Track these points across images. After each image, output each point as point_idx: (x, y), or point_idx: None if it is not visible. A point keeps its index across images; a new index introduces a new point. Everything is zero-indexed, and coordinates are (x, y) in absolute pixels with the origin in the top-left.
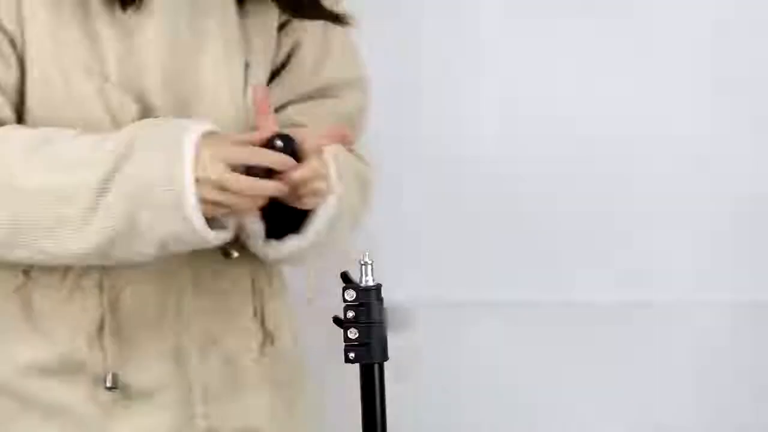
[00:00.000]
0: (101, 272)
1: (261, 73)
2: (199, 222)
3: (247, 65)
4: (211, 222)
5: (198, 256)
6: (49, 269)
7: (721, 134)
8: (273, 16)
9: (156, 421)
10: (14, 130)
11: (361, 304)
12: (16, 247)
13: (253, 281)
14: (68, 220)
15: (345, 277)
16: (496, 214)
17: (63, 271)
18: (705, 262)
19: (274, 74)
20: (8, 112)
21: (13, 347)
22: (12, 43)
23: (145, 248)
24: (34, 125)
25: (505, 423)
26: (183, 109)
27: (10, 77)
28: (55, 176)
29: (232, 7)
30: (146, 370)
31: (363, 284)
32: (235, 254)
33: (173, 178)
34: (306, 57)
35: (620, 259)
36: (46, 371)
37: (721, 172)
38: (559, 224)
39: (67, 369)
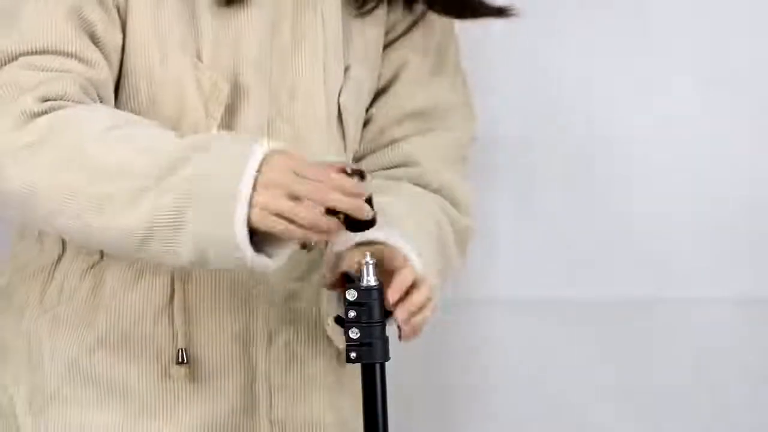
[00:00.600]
0: None
1: (362, 77)
2: (242, 237)
3: (346, 69)
4: (260, 245)
5: None
6: None
7: (721, 134)
8: (380, 22)
9: (220, 407)
10: (105, 108)
11: (362, 304)
12: (63, 214)
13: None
14: (118, 195)
15: (347, 276)
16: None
17: None
18: (704, 261)
19: (379, 93)
20: (105, 74)
21: (82, 325)
22: (118, 8)
23: (184, 249)
24: (129, 91)
25: (504, 422)
26: (274, 101)
27: (116, 40)
28: (121, 153)
29: (336, 9)
30: (213, 350)
31: (365, 284)
32: (313, 244)
33: (229, 188)
34: (412, 74)
35: (620, 259)
36: (114, 346)
37: (721, 171)
38: (556, 222)
39: (135, 343)
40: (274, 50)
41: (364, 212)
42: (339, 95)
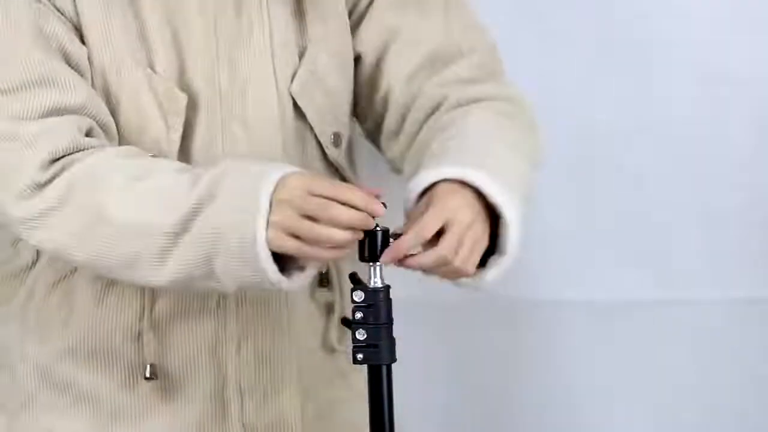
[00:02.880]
0: None
1: (323, 55)
2: (272, 272)
3: (303, 51)
4: (289, 264)
5: None
6: None
7: (721, 134)
8: None
9: (190, 413)
10: (114, 155)
11: (369, 305)
12: (98, 269)
13: None
14: (145, 257)
15: (354, 278)
16: None
17: None
18: (704, 261)
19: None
20: (85, 93)
21: (51, 335)
22: (72, 22)
23: (223, 288)
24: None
25: (504, 422)
26: (225, 101)
27: (82, 50)
28: (141, 212)
29: None
30: (183, 361)
31: (372, 285)
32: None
33: (246, 231)
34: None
35: (620, 258)
36: (83, 358)
37: (721, 171)
38: (558, 223)
39: (104, 356)
40: (220, 47)
41: (371, 224)
42: (291, 83)
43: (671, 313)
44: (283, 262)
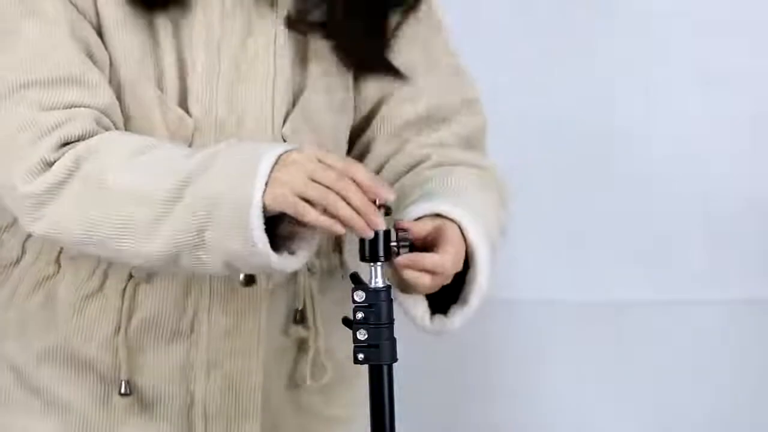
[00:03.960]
0: (125, 282)
1: (319, 98)
2: (262, 243)
3: (299, 93)
4: (280, 244)
5: (219, 279)
6: (76, 266)
7: (721, 134)
8: None
9: (158, 430)
10: (118, 135)
11: (370, 306)
12: (91, 244)
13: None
14: (139, 224)
15: (355, 278)
16: None
17: (91, 270)
18: (704, 262)
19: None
20: (110, 95)
21: (30, 336)
22: (93, 26)
23: (212, 262)
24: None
25: (504, 422)
26: (222, 130)
27: (106, 57)
28: (137, 180)
29: (286, 35)
30: (155, 378)
31: (373, 285)
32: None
33: (240, 197)
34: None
35: (620, 258)
36: (59, 364)
37: (720, 171)
38: (557, 223)
39: (79, 366)
40: (221, 78)
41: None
42: (283, 124)
43: (671, 313)
44: (274, 246)
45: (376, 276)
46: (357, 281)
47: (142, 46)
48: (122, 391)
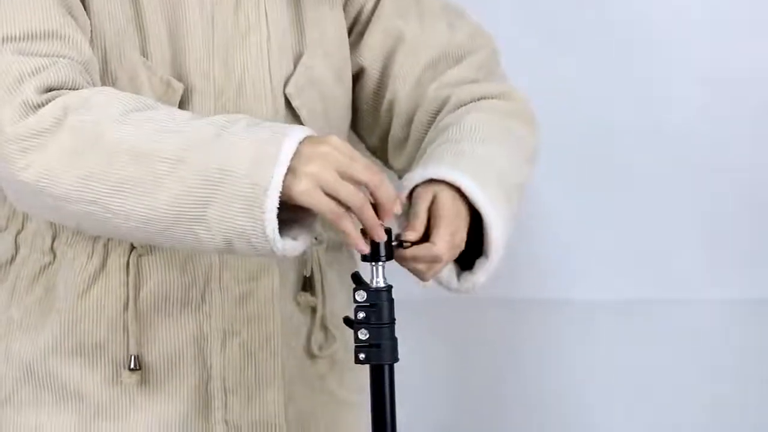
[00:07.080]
0: (128, 255)
1: (320, 62)
2: (272, 228)
3: (299, 57)
4: (283, 230)
5: None
6: (74, 251)
7: (721, 134)
8: (337, 4)
9: (174, 409)
10: (113, 91)
11: (371, 305)
12: (82, 202)
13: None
14: (139, 180)
15: (356, 278)
16: None
17: (90, 251)
18: (704, 262)
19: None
20: (90, 54)
21: (35, 330)
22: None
23: (208, 236)
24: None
25: (505, 422)
26: (219, 99)
27: (87, 22)
28: (138, 136)
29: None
30: (168, 353)
31: (374, 285)
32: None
33: (261, 177)
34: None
35: (620, 258)
36: (68, 353)
37: (720, 171)
38: (557, 223)
39: (89, 351)
40: (216, 45)
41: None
42: (285, 86)
43: (671, 313)
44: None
45: (378, 276)
46: (358, 281)
47: (124, 13)
48: (132, 366)
